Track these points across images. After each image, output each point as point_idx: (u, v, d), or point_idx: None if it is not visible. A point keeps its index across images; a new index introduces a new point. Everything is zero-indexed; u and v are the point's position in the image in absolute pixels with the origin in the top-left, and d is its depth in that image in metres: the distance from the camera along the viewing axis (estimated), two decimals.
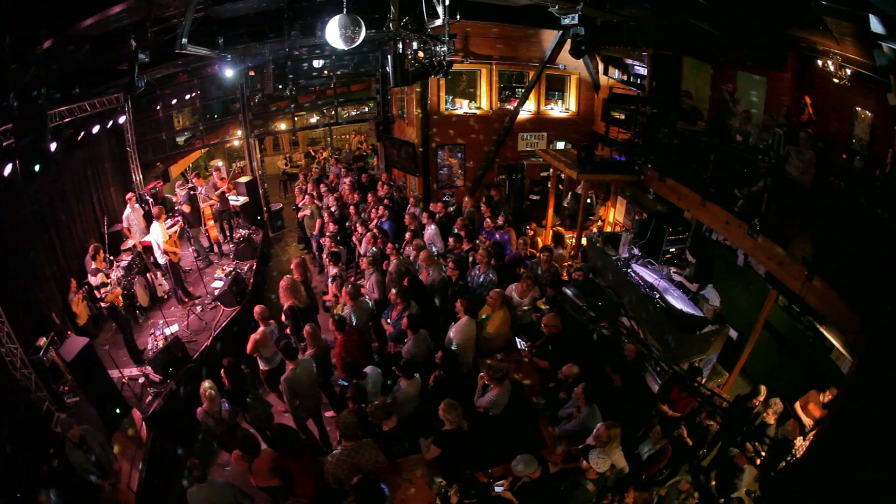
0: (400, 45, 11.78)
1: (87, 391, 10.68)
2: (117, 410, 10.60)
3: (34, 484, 9.05)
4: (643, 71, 14.76)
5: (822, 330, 10.56)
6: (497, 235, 14.02)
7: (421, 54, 12.45)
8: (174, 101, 20.50)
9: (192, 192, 17.77)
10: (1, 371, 10.12)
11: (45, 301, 12.55)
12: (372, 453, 7.69)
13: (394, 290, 10.74)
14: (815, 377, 10.12)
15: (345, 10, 9.75)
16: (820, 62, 9.89)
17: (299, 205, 18.23)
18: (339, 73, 21.61)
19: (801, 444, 9.24)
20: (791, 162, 10.08)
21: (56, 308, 12.73)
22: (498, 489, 7.50)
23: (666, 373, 10.23)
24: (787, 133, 10.74)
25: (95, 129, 14.85)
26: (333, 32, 9.77)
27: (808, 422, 9.53)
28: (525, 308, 11.26)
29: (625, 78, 15.92)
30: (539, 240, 16.32)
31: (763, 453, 9.28)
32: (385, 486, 7.52)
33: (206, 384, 9.16)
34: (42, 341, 11.36)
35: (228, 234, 18.39)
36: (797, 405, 9.78)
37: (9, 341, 10.29)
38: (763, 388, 9.61)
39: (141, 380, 11.76)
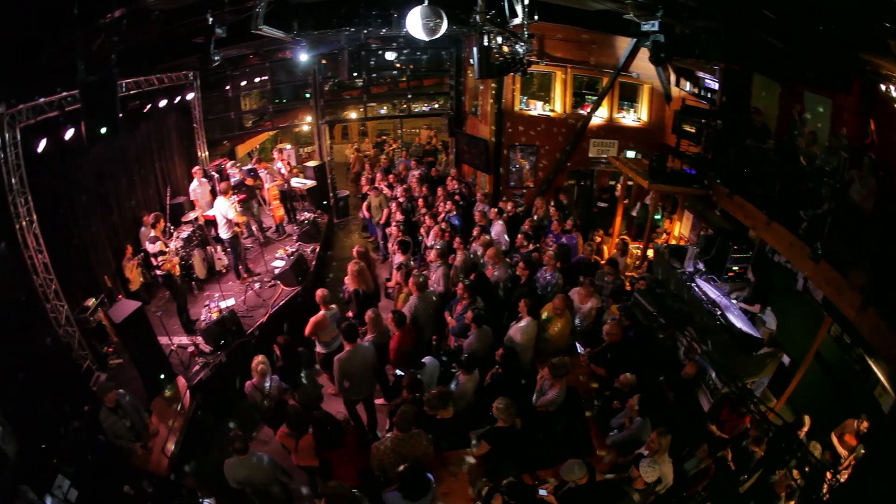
0: (485, 39, 11.56)
1: (132, 354, 10.72)
2: (162, 376, 10.63)
3: (63, 438, 9.19)
4: (714, 85, 14.34)
5: (870, 363, 10.08)
6: (564, 239, 13.80)
7: (505, 49, 12.26)
8: (244, 83, 20.78)
9: (252, 173, 17.92)
10: (45, 326, 10.31)
11: (98, 264, 12.72)
12: (422, 444, 7.49)
13: (461, 284, 10.60)
14: (856, 413, 9.66)
15: (426, 0, 9.64)
16: (883, 87, 9.42)
17: (365, 192, 18.18)
18: (412, 66, 21.53)
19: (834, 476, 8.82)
20: (854, 187, 9.71)
21: (109, 272, 12.90)
22: (542, 493, 7.45)
23: (719, 392, 9.98)
24: (850, 157, 10.28)
25: (162, 103, 15.07)
26: (415, 23, 9.72)
27: (843, 452, 9.20)
28: (584, 314, 11.03)
29: (696, 91, 15.50)
30: (605, 248, 15.94)
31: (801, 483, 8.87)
32: (431, 477, 7.31)
33: (259, 359, 9.07)
34: (90, 302, 11.67)
35: (292, 215, 18.36)
36: (833, 435, 9.42)
37: (55, 298, 10.53)
38: (807, 419, 9.35)
39: (190, 349, 11.81)
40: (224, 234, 14.05)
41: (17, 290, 10.05)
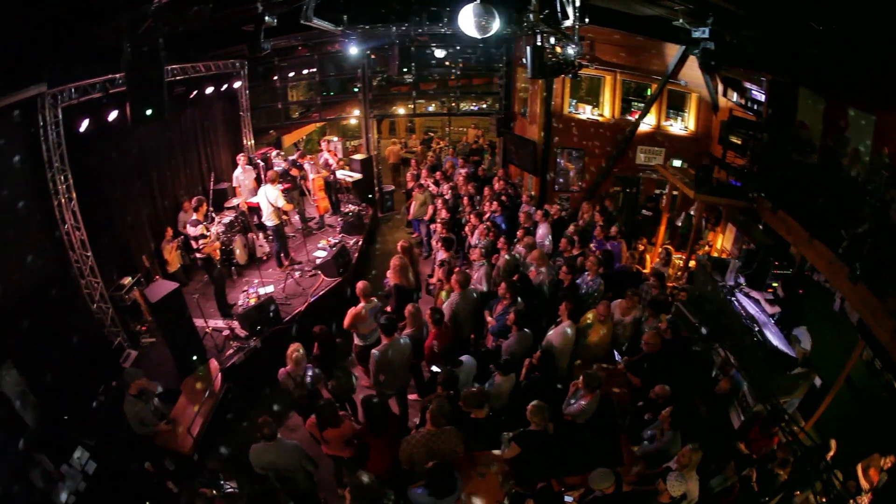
0: (539, 38, 11.46)
1: (165, 334, 10.81)
2: (194, 357, 10.69)
3: (88, 412, 9.46)
4: (761, 97, 14.05)
5: None
6: (608, 245, 13.56)
7: (558, 49, 12.18)
8: (292, 74, 21.06)
9: (297, 163, 17.97)
10: (78, 302, 10.59)
11: (137, 245, 12.94)
12: (453, 442, 7.42)
13: (503, 284, 10.49)
14: (882, 441, 9.37)
15: None
16: None
17: (411, 188, 18.22)
18: (461, 64, 21.59)
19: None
20: (894, 207, 9.42)
21: (147, 252, 13.15)
22: (568, 499, 7.42)
23: (750, 409, 9.80)
24: (891, 176, 10.01)
25: (209, 90, 15.28)
26: (467, 20, 9.79)
27: (864, 485, 8.89)
28: (624, 326, 10.81)
29: (743, 102, 15.22)
30: (648, 256, 15.73)
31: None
32: (458, 475, 7.23)
33: (294, 347, 9.01)
34: (126, 280, 11.90)
35: (337, 207, 18.40)
36: (859, 467, 9.09)
37: (91, 275, 10.80)
38: (833, 443, 9.20)
39: (226, 332, 11.91)
40: (269, 221, 14.12)
41: (53, 265, 10.27)
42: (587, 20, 11.72)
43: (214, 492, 7.45)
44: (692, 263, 14.57)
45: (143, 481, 8.75)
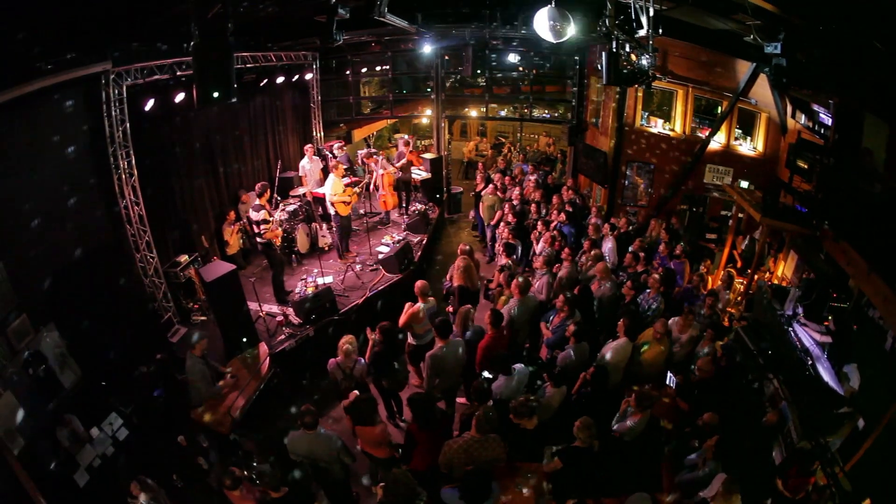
0: (614, 44, 11.35)
1: (217, 314, 11.03)
2: (244, 339, 10.81)
3: (129, 381, 9.76)
4: (828, 120, 13.64)
5: None
6: (672, 264, 13.42)
7: (633, 57, 12.01)
8: (364, 70, 21.45)
9: (366, 157, 18.13)
10: (132, 275, 11.01)
11: (198, 224, 13.21)
12: (495, 450, 7.32)
13: (562, 297, 10.33)
14: None
15: (553, 2, 9.71)
16: None
17: (479, 191, 18.09)
18: (535, 70, 21.63)
19: None
20: None
21: (207, 233, 13.41)
22: None
23: (793, 445, 9.40)
24: None
25: (280, 79, 15.67)
26: (542, 23, 9.80)
27: None
28: (681, 344, 10.61)
29: (810, 124, 14.81)
30: (709, 279, 15.41)
31: None
32: (496, 484, 7.26)
33: (346, 338, 9.02)
34: (183, 258, 12.14)
35: (405, 204, 18.50)
36: None
37: (146, 249, 11.14)
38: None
39: (279, 318, 12.00)
40: (333, 212, 14.17)
41: (109, 237, 10.60)
42: (661, 31, 11.59)
43: (245, 472, 7.43)
44: (752, 289, 14.18)
45: (173, 454, 8.92)
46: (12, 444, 7.83)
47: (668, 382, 10.11)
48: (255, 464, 8.37)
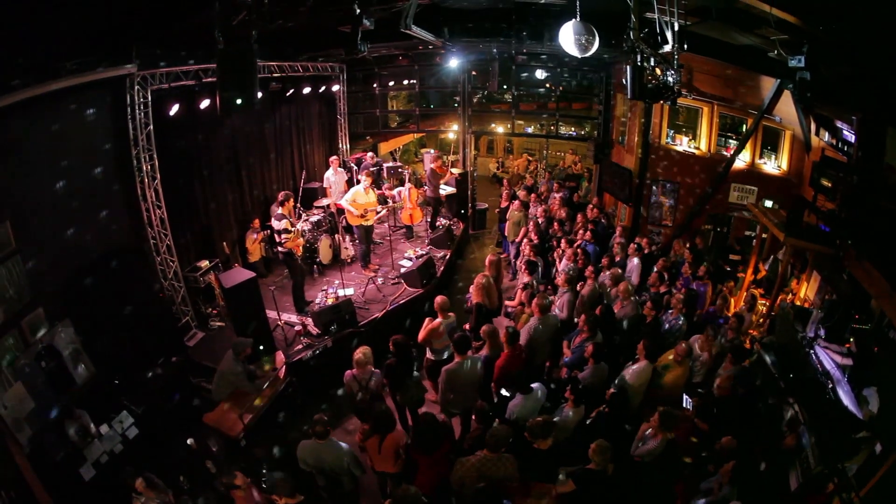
0: (639, 58, 11.31)
1: (234, 320, 10.99)
2: (261, 347, 10.77)
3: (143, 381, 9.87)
4: (851, 137, 13.48)
5: None
6: (694, 285, 13.26)
7: (658, 72, 11.96)
8: (391, 83, 21.54)
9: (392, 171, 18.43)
10: (151, 277, 11.17)
11: (220, 231, 13.34)
12: (508, 469, 7.30)
13: (584, 316, 10.28)
14: None
15: (578, 17, 9.80)
16: None
17: (504, 207, 18.06)
18: (561, 87, 21.63)
19: None
20: None
21: (229, 240, 13.45)
22: None
23: (810, 470, 9.21)
24: None
25: (306, 90, 15.77)
26: (568, 38, 9.84)
27: None
28: (702, 363, 10.52)
29: (834, 141, 14.64)
30: (732, 300, 15.25)
31: None
32: (508, 502, 7.11)
33: (363, 350, 9.00)
34: (203, 263, 12.28)
35: (429, 219, 18.37)
36: None
37: (167, 253, 11.27)
38: None
39: (297, 328, 12.00)
40: (354, 222, 14.16)
41: (130, 239, 10.75)
42: (685, 47, 11.55)
43: (251, 479, 7.43)
44: (775, 310, 13.99)
45: (182, 456, 9.00)
46: (20, 434, 7.98)
47: (684, 405, 9.93)
48: (264, 471, 8.37)
